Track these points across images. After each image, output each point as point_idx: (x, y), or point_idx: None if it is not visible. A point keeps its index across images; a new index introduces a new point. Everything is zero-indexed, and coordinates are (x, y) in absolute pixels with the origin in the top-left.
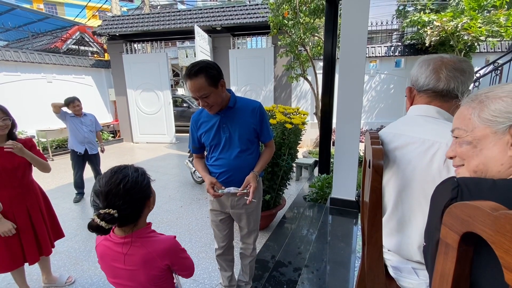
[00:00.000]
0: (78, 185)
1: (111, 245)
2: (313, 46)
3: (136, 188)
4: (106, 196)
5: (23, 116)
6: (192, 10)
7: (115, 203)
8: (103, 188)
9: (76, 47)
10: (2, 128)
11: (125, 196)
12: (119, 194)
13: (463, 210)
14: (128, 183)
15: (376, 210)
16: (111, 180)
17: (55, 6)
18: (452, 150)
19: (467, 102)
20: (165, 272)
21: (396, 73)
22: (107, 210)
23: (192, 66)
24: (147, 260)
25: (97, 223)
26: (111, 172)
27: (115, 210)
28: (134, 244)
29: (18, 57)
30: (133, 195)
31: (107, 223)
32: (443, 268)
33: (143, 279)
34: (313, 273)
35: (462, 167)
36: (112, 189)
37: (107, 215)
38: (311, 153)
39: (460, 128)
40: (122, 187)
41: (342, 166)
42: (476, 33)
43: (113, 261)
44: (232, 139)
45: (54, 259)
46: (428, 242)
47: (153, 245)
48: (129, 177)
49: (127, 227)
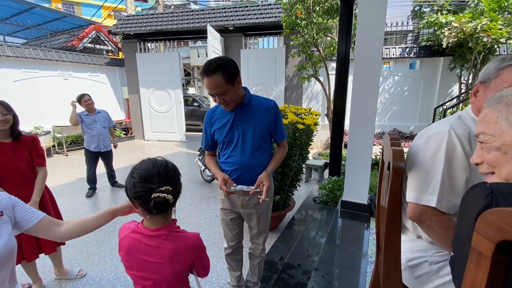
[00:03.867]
0: (91, 180)
1: (141, 238)
2: (326, 47)
3: (177, 172)
4: (160, 176)
5: (39, 112)
6: (205, 10)
7: (169, 183)
8: (153, 171)
9: (92, 46)
10: (2, 123)
11: (173, 177)
12: (169, 174)
13: (501, 216)
14: (169, 165)
15: (395, 214)
16: (156, 164)
17: (72, 5)
18: (478, 156)
19: (491, 105)
20: (188, 268)
21: (410, 75)
22: (166, 187)
23: (210, 63)
24: (175, 254)
25: (164, 197)
26: (150, 160)
27: (170, 188)
28: (163, 237)
29: (37, 55)
30: (177, 176)
31: (173, 197)
32: (473, 278)
33: (168, 273)
34: (323, 277)
35: (492, 176)
36: (162, 171)
37: (170, 190)
38: (321, 155)
39: (486, 132)
40: (170, 169)
41: (354, 168)
42: (496, 35)
43: (142, 254)
44: (245, 137)
45: (65, 252)
46: (457, 253)
47: (182, 240)
48: (168, 163)
49: (161, 216)
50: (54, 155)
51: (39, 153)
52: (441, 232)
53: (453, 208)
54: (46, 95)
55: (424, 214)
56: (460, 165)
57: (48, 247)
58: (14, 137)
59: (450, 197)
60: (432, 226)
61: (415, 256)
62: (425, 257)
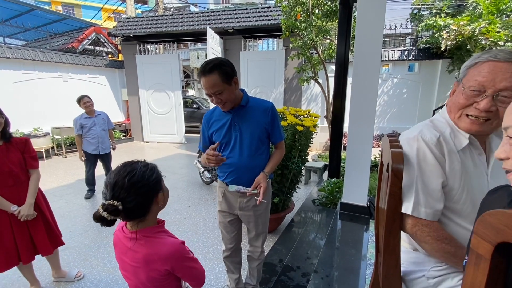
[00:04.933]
0: (90, 182)
1: (122, 237)
2: (325, 49)
3: (142, 182)
4: (112, 188)
5: (39, 113)
6: (204, 13)
7: (120, 195)
8: (111, 179)
9: (91, 48)
10: None
11: (130, 189)
12: (124, 186)
13: (499, 218)
14: (135, 176)
15: (394, 216)
16: (119, 172)
17: (72, 7)
18: (503, 150)
19: None
20: (166, 277)
21: (409, 77)
22: (111, 201)
23: (206, 64)
24: (148, 261)
25: (100, 213)
26: (121, 166)
27: (119, 202)
28: (138, 241)
29: (36, 56)
30: (138, 189)
31: (110, 214)
32: (473, 280)
33: (143, 278)
34: (322, 279)
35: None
36: (118, 181)
37: (110, 206)
38: (320, 157)
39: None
40: (128, 180)
41: (354, 170)
42: (495, 38)
43: (121, 254)
44: (243, 138)
45: (63, 254)
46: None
47: (156, 246)
48: (136, 171)
49: (133, 222)
50: (53, 157)
51: (32, 155)
52: (433, 243)
53: (438, 214)
54: (45, 96)
55: (415, 226)
56: (433, 170)
57: (44, 249)
58: (6, 140)
59: (429, 203)
60: (424, 238)
61: (412, 269)
62: (423, 271)
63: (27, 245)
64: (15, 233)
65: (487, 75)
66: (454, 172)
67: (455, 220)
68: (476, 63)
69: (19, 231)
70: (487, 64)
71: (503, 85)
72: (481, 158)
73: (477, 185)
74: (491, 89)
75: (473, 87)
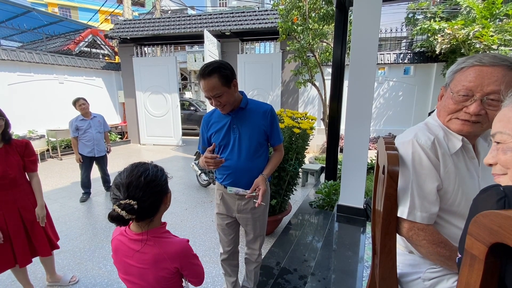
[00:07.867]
0: (85, 185)
1: (126, 241)
2: (322, 52)
3: (156, 181)
4: (127, 188)
5: (34, 115)
6: (201, 15)
7: (136, 195)
8: (124, 180)
9: (88, 50)
10: None
11: (146, 188)
12: (140, 186)
13: (493, 219)
14: (149, 176)
15: (390, 218)
16: (132, 172)
17: (69, 9)
18: (492, 156)
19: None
20: (174, 275)
21: (405, 80)
22: (127, 200)
23: (206, 66)
24: (157, 260)
25: (118, 212)
26: (132, 166)
27: (135, 201)
28: (147, 242)
29: (32, 58)
30: (152, 188)
31: (128, 213)
32: (467, 281)
33: (151, 279)
34: (319, 282)
35: (504, 176)
36: (133, 181)
37: (127, 205)
38: (317, 159)
39: (503, 132)
40: (143, 179)
41: (350, 172)
42: (488, 42)
43: (125, 257)
44: (242, 140)
45: (58, 258)
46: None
47: (166, 246)
48: (149, 171)
49: (143, 223)
50: (48, 159)
51: (32, 159)
52: (429, 246)
53: (433, 218)
54: (41, 98)
55: (411, 229)
56: (428, 174)
57: (43, 250)
58: (5, 141)
59: (424, 206)
60: (420, 241)
61: (407, 271)
62: (418, 273)
63: (23, 248)
64: (11, 235)
65: (474, 79)
66: (449, 174)
67: (451, 222)
68: (462, 68)
69: (15, 234)
70: (473, 68)
71: (491, 88)
72: (474, 161)
73: (471, 186)
74: (479, 93)
75: (461, 92)
